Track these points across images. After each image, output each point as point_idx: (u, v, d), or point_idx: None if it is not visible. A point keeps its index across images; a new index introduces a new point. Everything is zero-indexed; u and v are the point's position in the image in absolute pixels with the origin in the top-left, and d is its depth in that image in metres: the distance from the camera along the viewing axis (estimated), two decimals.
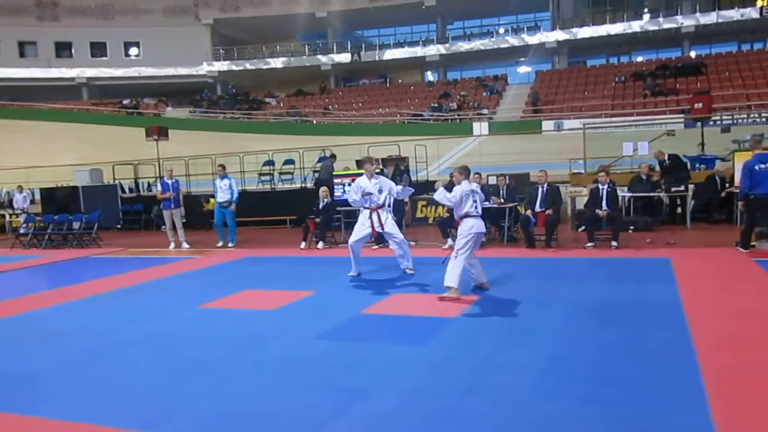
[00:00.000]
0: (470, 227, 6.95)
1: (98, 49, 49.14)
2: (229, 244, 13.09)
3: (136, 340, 5.80)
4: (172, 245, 13.33)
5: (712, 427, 3.33)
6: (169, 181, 13.30)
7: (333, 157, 17.27)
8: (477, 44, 44.32)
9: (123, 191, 20.45)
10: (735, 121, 27.43)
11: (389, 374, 4.42)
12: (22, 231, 16.39)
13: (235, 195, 13.16)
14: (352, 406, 3.87)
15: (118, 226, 18.95)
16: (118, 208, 19.32)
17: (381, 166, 15.33)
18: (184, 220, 13.72)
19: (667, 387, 3.93)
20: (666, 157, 13.71)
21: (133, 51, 49.29)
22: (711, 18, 38.43)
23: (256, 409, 3.91)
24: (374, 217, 8.59)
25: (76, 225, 15.23)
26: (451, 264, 6.85)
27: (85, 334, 6.13)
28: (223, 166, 13.52)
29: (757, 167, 9.03)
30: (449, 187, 7.43)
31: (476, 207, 7.08)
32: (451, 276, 6.75)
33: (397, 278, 8.40)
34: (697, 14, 38.95)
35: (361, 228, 8.69)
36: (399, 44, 47.49)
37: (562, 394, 3.91)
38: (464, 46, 44.75)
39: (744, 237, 9.32)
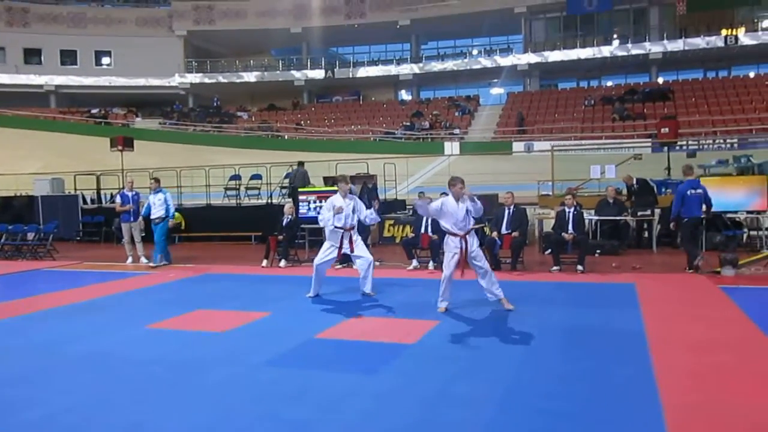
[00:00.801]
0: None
1: (68, 57, 48.42)
2: (152, 264, 12.26)
3: (76, 361, 5.46)
4: (130, 260, 12.92)
5: None
6: (129, 194, 12.92)
7: (301, 164, 17.05)
8: (450, 64, 44.65)
9: (84, 202, 19.92)
10: (701, 147, 27.90)
11: (335, 406, 4.16)
12: None
13: (171, 210, 12.41)
14: None
15: (78, 238, 18.43)
16: (78, 220, 18.80)
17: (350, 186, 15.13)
18: (143, 234, 13.30)
19: (628, 427, 3.73)
20: (635, 182, 13.73)
21: (105, 60, 48.66)
22: (678, 45, 39.24)
23: None
24: (345, 238, 8.32)
25: (30, 236, 14.73)
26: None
27: (21, 354, 5.77)
28: (156, 180, 12.70)
29: (688, 192, 9.88)
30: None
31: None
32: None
33: (357, 300, 8.14)
34: (665, 41, 39.75)
35: (331, 249, 8.40)
36: (373, 62, 47.64)
37: None
38: (437, 65, 45.05)
39: (690, 258, 9.83)
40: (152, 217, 12.31)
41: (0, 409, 4.30)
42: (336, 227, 8.33)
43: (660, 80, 40.92)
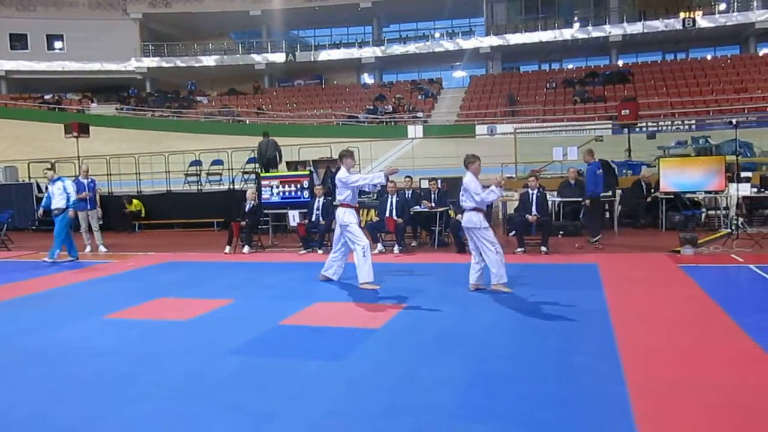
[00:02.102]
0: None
1: (18, 41, 46.79)
2: (47, 259, 11.08)
3: (28, 355, 5.25)
4: (88, 248, 12.63)
5: None
6: (85, 181, 12.66)
7: (266, 134, 16.74)
8: (412, 47, 44.47)
9: (39, 190, 19.35)
10: (660, 128, 28.35)
11: (302, 394, 4.07)
12: None
13: (72, 198, 11.18)
14: None
15: (33, 228, 17.92)
16: (33, 208, 18.25)
17: (311, 168, 15.01)
18: (101, 222, 13.02)
19: (594, 406, 3.73)
20: None
21: (57, 44, 47.13)
22: (637, 28, 39.74)
23: None
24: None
25: None
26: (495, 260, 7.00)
27: None
28: (52, 167, 11.68)
29: (597, 172, 10.94)
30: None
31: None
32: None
33: (322, 286, 8.04)
34: (624, 24, 40.21)
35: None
36: (335, 45, 47.18)
37: (486, 414, 3.66)
38: (400, 49, 44.83)
39: (593, 231, 10.97)
40: (52, 207, 11.26)
41: None
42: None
43: (620, 63, 41.42)
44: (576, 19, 42.10)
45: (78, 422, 3.78)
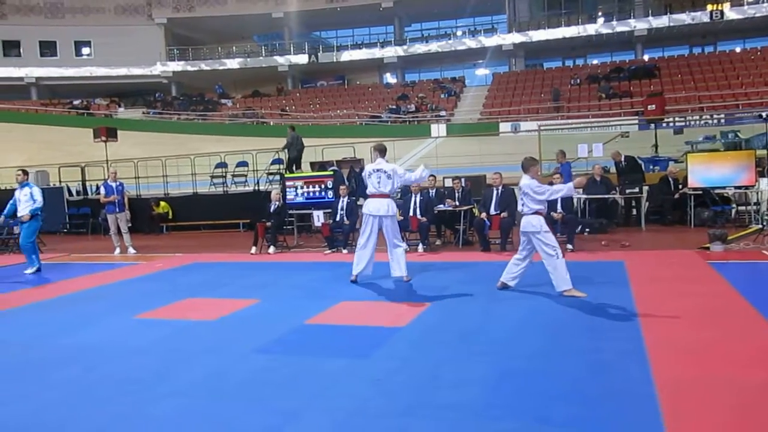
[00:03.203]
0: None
1: (48, 48, 47.77)
2: (28, 270, 10.59)
3: (62, 354, 5.36)
4: (118, 250, 12.85)
5: None
6: (113, 184, 12.83)
7: (293, 128, 17.08)
8: (434, 46, 44.41)
9: (70, 194, 19.75)
10: (687, 123, 27.93)
11: (327, 392, 4.10)
12: None
13: (37, 206, 10.48)
14: (281, 430, 3.55)
15: (64, 231, 18.29)
16: (64, 212, 18.65)
17: (335, 168, 15.07)
18: (129, 225, 13.21)
19: (621, 404, 3.70)
20: (623, 159, 13.74)
21: (85, 50, 48.02)
22: (663, 21, 39.17)
23: None
24: None
25: (16, 229, 14.55)
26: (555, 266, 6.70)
27: (7, 349, 5.67)
28: (24, 172, 10.92)
29: (570, 172, 12.07)
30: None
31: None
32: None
33: (347, 285, 8.07)
34: (650, 18, 39.68)
35: None
36: (356, 45, 47.30)
37: (511, 412, 3.65)
38: (422, 48, 44.79)
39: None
40: (19, 214, 10.61)
41: None
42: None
43: (645, 57, 40.89)
44: (600, 13, 41.63)
45: (110, 420, 3.85)
